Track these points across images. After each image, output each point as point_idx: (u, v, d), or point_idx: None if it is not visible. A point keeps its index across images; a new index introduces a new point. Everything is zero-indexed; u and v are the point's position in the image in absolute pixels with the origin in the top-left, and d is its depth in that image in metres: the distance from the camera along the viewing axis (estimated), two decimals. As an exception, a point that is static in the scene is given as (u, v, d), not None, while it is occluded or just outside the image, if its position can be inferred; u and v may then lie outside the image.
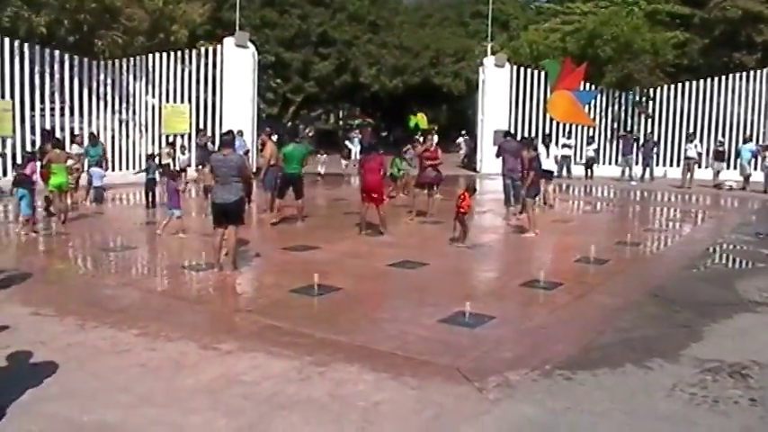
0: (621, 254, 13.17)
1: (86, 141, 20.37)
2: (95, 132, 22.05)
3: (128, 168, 24.68)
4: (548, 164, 18.46)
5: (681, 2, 40.90)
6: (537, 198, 14.80)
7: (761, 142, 29.11)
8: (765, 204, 22.88)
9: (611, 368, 6.59)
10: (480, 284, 10.02)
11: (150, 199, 17.67)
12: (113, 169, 23.79)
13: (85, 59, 24.15)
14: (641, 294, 9.90)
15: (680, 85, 32.55)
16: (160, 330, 7.47)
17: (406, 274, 10.85)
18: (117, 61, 25.25)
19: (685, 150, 28.59)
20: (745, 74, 31.74)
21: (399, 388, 6.04)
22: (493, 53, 33.79)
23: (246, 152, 18.04)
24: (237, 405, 5.59)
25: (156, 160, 18.93)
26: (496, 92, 31.70)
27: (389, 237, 13.94)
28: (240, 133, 21.42)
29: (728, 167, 28.45)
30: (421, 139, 19.77)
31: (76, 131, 22.25)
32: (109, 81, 24.92)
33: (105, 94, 24.86)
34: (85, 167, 18.95)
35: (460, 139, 39.12)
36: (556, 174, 20.83)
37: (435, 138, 18.95)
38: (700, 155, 28.60)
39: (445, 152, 22.45)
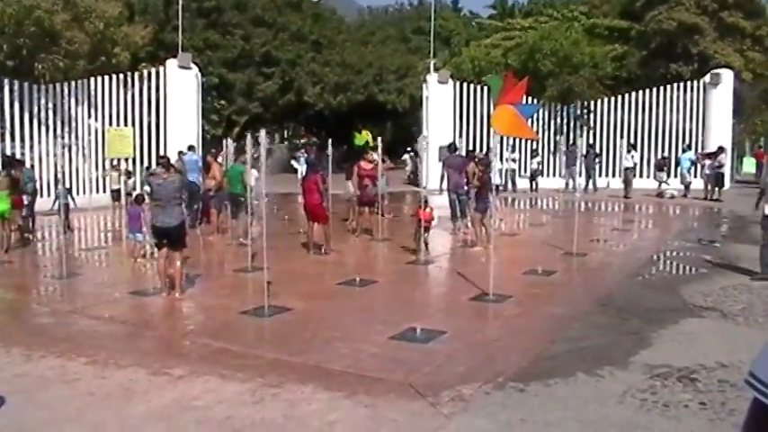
0: (568, 264, 13.36)
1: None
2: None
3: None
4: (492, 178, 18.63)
5: (619, 16, 41.79)
6: (487, 212, 14.91)
7: (699, 151, 29.82)
8: (706, 211, 23.40)
9: (563, 378, 6.67)
10: (430, 300, 10.06)
11: (67, 225, 17.31)
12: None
13: (26, 84, 23.72)
14: (589, 304, 10.04)
15: (619, 96, 33.18)
16: (109, 358, 7.36)
17: (355, 293, 10.85)
18: (58, 85, 24.86)
19: (625, 161, 29.14)
20: (682, 84, 32.47)
21: (353, 406, 6.03)
22: (436, 70, 34.02)
23: (207, 169, 17.82)
24: (191, 430, 5.53)
25: (109, 185, 18.62)
26: (440, 108, 31.90)
27: (338, 256, 13.93)
28: (192, 148, 21.19)
29: (669, 176, 29.04)
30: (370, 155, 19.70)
31: (18, 157, 21.76)
32: (50, 105, 24.49)
33: (47, 119, 24.42)
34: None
35: (406, 156, 39.28)
36: (501, 188, 21.04)
37: (375, 156, 18.86)
38: (636, 164, 29.19)
39: (391, 168, 22.48)
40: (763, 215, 11.52)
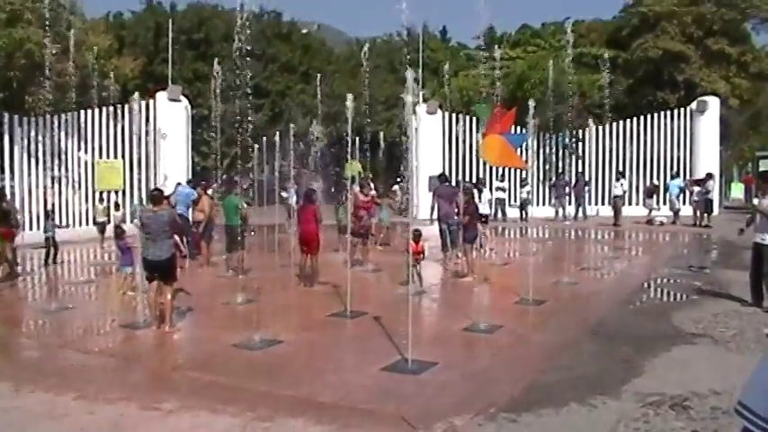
0: (559, 293, 13.35)
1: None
2: None
3: (60, 226, 24.14)
4: (481, 208, 18.71)
5: (605, 44, 42.15)
6: (475, 242, 14.95)
7: (688, 177, 29.99)
8: (695, 237, 23.48)
9: (555, 408, 6.64)
10: (421, 330, 10.02)
11: (51, 256, 17.34)
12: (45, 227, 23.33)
13: (15, 116, 23.71)
14: (581, 332, 10.03)
15: (607, 125, 33.36)
16: (99, 392, 7.29)
17: (346, 324, 10.82)
18: (48, 117, 24.90)
19: (614, 188, 29.23)
20: (669, 112, 32.72)
21: (345, 439, 5.99)
22: (424, 100, 34.17)
23: (195, 201, 17.86)
24: (181, 465, 5.48)
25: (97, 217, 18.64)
26: (430, 138, 32.00)
27: (328, 287, 13.87)
28: (191, 183, 21.20)
29: (658, 203, 29.18)
30: (357, 187, 19.80)
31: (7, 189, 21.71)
32: (40, 137, 24.49)
33: (36, 151, 24.42)
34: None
35: (396, 187, 39.29)
36: (491, 217, 21.08)
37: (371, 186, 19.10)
38: (625, 192, 29.31)
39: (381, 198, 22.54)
40: (754, 241, 11.55)
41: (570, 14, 56.35)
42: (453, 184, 19.78)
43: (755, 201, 12.14)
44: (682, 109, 32.54)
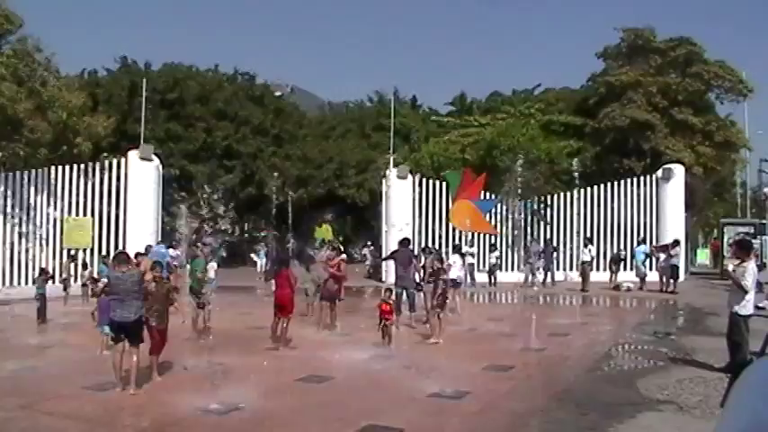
0: (527, 359, 13.36)
1: None
2: None
3: (26, 283, 23.88)
4: (456, 272, 18.87)
5: (573, 113, 42.93)
6: (444, 307, 15.03)
7: (654, 243, 30.36)
8: (662, 303, 23.68)
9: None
10: (388, 396, 9.98)
11: (41, 313, 17.29)
12: (11, 283, 23.19)
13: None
14: (548, 398, 10.05)
15: (575, 191, 33.78)
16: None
17: (313, 389, 10.74)
18: (18, 173, 24.82)
19: (582, 254, 29.49)
20: (635, 179, 33.28)
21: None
22: (395, 165, 34.47)
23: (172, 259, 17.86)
24: None
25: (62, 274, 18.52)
26: (400, 203, 32.18)
27: (297, 351, 13.83)
28: (162, 242, 21.13)
29: (625, 269, 29.49)
30: (327, 251, 19.80)
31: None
32: (9, 193, 24.40)
33: (5, 206, 24.31)
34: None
35: (366, 250, 39.37)
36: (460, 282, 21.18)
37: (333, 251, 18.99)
38: (593, 258, 29.57)
39: (351, 263, 22.54)
40: (736, 313, 11.67)
41: (540, 81, 57.52)
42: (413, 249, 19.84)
43: (730, 267, 12.31)
44: (648, 176, 33.15)
